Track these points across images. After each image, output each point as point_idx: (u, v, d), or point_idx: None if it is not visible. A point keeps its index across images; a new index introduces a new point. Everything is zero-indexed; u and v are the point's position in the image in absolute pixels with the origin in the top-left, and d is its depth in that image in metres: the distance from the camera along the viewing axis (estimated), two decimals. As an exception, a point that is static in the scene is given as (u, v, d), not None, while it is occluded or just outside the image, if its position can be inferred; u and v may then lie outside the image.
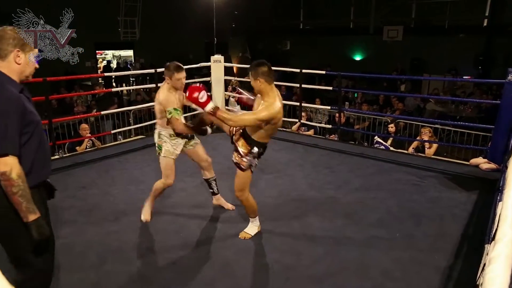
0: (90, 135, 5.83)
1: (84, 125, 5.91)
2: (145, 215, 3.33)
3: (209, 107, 2.58)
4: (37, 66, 1.87)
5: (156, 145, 3.22)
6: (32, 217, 1.69)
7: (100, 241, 3.01)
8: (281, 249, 2.92)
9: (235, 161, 2.87)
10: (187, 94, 2.61)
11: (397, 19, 15.29)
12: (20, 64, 1.78)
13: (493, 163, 4.46)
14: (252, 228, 3.13)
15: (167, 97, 3.02)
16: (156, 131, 3.24)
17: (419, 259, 2.81)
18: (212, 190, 3.57)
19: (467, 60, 13.52)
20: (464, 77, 12.76)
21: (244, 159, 2.82)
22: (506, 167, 2.33)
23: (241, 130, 2.85)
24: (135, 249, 2.91)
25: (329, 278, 2.60)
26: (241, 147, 2.82)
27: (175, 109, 2.97)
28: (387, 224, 3.31)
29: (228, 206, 3.58)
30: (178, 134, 3.13)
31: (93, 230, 3.18)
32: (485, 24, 14.16)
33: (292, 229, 3.23)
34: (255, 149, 2.81)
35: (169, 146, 3.16)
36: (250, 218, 3.12)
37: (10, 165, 1.62)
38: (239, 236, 3.10)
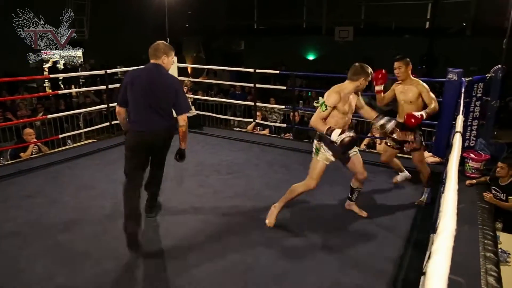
0: (35, 140, 5.51)
1: (29, 130, 5.56)
2: (271, 218, 3.23)
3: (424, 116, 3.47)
4: (172, 64, 3.13)
5: (314, 146, 3.13)
6: (184, 146, 3.19)
7: (48, 253, 2.85)
8: (239, 250, 2.92)
9: (412, 146, 3.68)
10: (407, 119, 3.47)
11: (347, 20, 15.81)
12: (164, 63, 3.03)
13: (437, 156, 4.73)
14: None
15: (332, 93, 3.00)
16: (317, 133, 3.12)
17: (372, 251, 2.92)
18: (350, 196, 3.51)
19: (412, 59, 14.20)
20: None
21: (414, 143, 3.67)
22: (448, 161, 2.49)
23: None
24: (88, 259, 2.78)
25: (287, 276, 2.63)
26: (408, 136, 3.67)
27: (324, 103, 2.96)
28: (342, 219, 3.41)
29: (363, 213, 3.47)
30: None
31: (40, 241, 3.00)
32: (427, 26, 15.00)
33: (249, 229, 3.24)
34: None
35: (327, 152, 3.06)
36: (425, 188, 3.77)
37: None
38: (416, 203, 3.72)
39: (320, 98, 3.03)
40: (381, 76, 3.65)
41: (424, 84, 3.60)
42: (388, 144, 3.89)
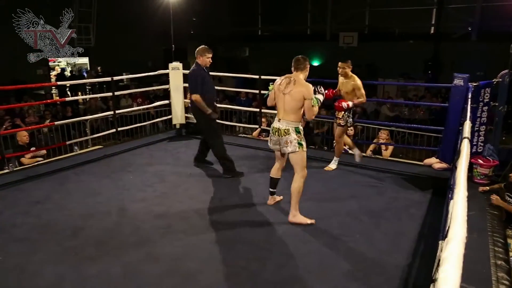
0: (35, 148, 5.56)
1: (22, 132, 5.62)
2: (304, 220, 3.40)
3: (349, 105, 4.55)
4: (209, 62, 4.54)
5: (295, 142, 3.31)
6: (206, 112, 4.40)
7: (56, 258, 2.86)
8: (246, 256, 2.91)
9: (339, 122, 4.66)
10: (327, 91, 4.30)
11: (352, 26, 15.85)
12: (200, 61, 4.45)
13: (445, 162, 4.70)
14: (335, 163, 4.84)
15: (310, 86, 3.31)
16: (291, 128, 3.31)
17: (379, 259, 2.90)
18: (275, 190, 3.78)
19: (417, 64, 14.24)
20: (416, 81, 13.40)
21: (342, 120, 4.63)
22: (456, 167, 2.47)
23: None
24: (95, 264, 2.79)
25: (294, 282, 2.62)
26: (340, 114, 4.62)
27: (315, 98, 3.32)
28: (348, 226, 3.39)
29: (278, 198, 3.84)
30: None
31: (48, 247, 3.01)
32: (432, 31, 15.00)
33: (256, 235, 3.23)
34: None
35: (304, 141, 3.37)
36: (335, 157, 4.84)
37: (196, 96, 4.33)
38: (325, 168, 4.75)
39: (313, 98, 3.29)
40: (330, 93, 4.64)
41: (358, 82, 4.54)
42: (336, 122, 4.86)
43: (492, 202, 3.67)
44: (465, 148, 2.40)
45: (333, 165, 4.84)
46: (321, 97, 3.43)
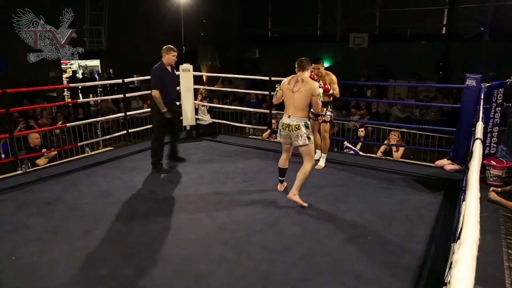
0: (46, 150, 5.63)
1: (34, 134, 5.68)
2: (302, 203, 3.73)
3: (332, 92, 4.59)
4: (173, 60, 4.67)
5: (304, 136, 3.64)
6: (163, 110, 4.56)
7: (68, 259, 2.89)
8: (255, 258, 2.91)
9: (323, 119, 4.75)
10: (323, 85, 4.35)
11: (362, 27, 15.75)
12: (164, 60, 4.60)
13: (456, 164, 4.64)
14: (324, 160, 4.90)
15: (316, 83, 3.74)
16: (301, 123, 3.64)
17: (390, 260, 2.87)
18: (284, 178, 4.13)
19: (429, 65, 14.07)
20: (426, 82, 13.27)
21: (326, 116, 4.74)
22: (468, 168, 2.44)
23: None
24: (107, 265, 2.82)
25: (304, 284, 2.61)
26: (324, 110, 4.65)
27: (321, 93, 3.71)
28: (359, 227, 3.37)
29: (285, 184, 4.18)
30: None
31: (60, 247, 3.05)
32: (443, 31, 14.82)
33: (266, 236, 3.23)
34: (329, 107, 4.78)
35: (312, 135, 3.72)
36: (323, 154, 4.88)
37: (155, 92, 4.50)
38: (316, 167, 4.66)
39: (319, 94, 3.64)
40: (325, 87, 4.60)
41: (334, 77, 4.69)
42: (310, 117, 4.72)
43: (488, 197, 3.63)
44: (477, 149, 2.36)
45: (322, 163, 4.89)
46: (321, 90, 3.78)
